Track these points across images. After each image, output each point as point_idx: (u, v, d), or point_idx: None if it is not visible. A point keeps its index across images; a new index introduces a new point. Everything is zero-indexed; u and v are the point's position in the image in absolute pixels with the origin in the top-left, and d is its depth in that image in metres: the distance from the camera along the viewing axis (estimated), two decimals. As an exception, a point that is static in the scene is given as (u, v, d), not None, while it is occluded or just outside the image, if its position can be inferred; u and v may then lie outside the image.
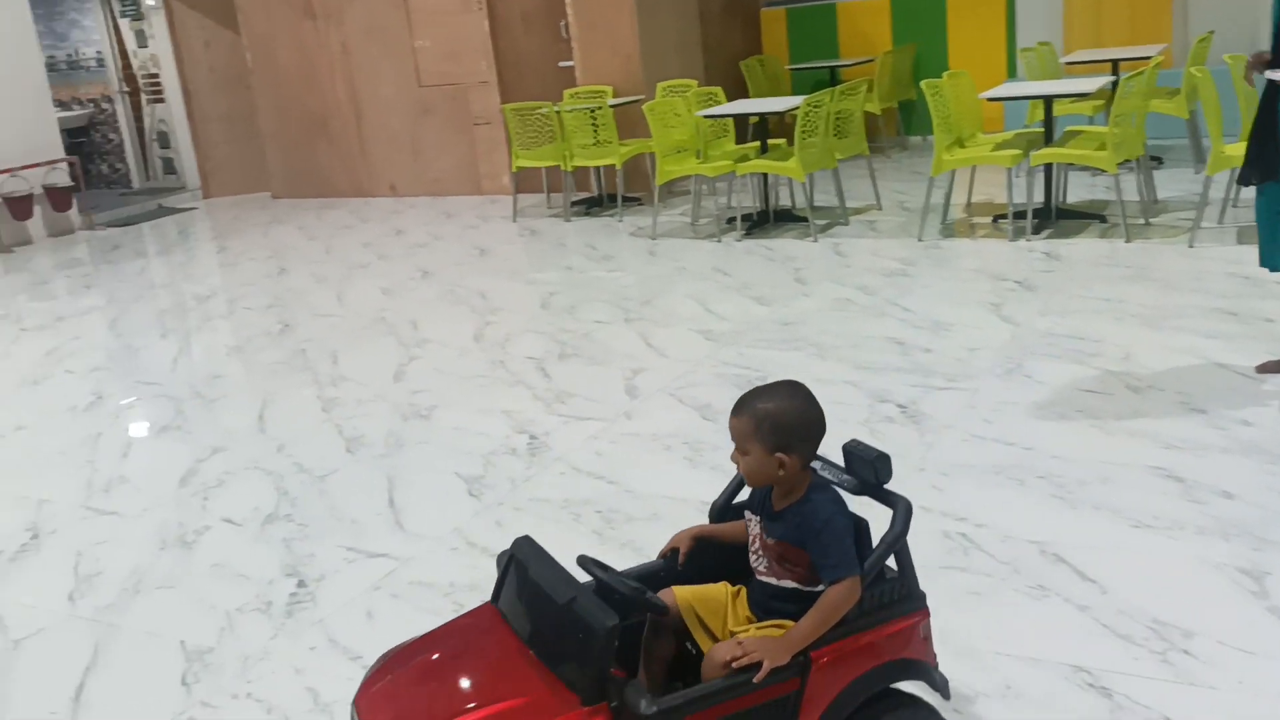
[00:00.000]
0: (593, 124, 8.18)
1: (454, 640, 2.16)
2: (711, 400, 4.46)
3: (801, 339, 5.14)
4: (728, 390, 4.54)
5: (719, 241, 7.23)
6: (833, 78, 9.63)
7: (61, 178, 10.16)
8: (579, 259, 7.39)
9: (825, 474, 2.21)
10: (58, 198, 10.12)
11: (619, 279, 6.71)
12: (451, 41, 9.71)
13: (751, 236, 7.24)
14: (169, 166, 12.08)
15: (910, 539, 2.10)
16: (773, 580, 2.13)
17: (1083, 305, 5.17)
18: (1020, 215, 6.55)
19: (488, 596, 3.11)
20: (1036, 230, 6.51)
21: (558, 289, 6.64)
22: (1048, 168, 6.63)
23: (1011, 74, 9.51)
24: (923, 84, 6.63)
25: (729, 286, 6.20)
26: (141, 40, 11.84)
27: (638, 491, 3.72)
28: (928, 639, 2.16)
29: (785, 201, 7.88)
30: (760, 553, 2.16)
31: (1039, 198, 6.74)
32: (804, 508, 2.08)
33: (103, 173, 12.80)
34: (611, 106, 8.16)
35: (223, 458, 4.44)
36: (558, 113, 8.26)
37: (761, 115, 7.59)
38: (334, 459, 4.30)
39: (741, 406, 2.12)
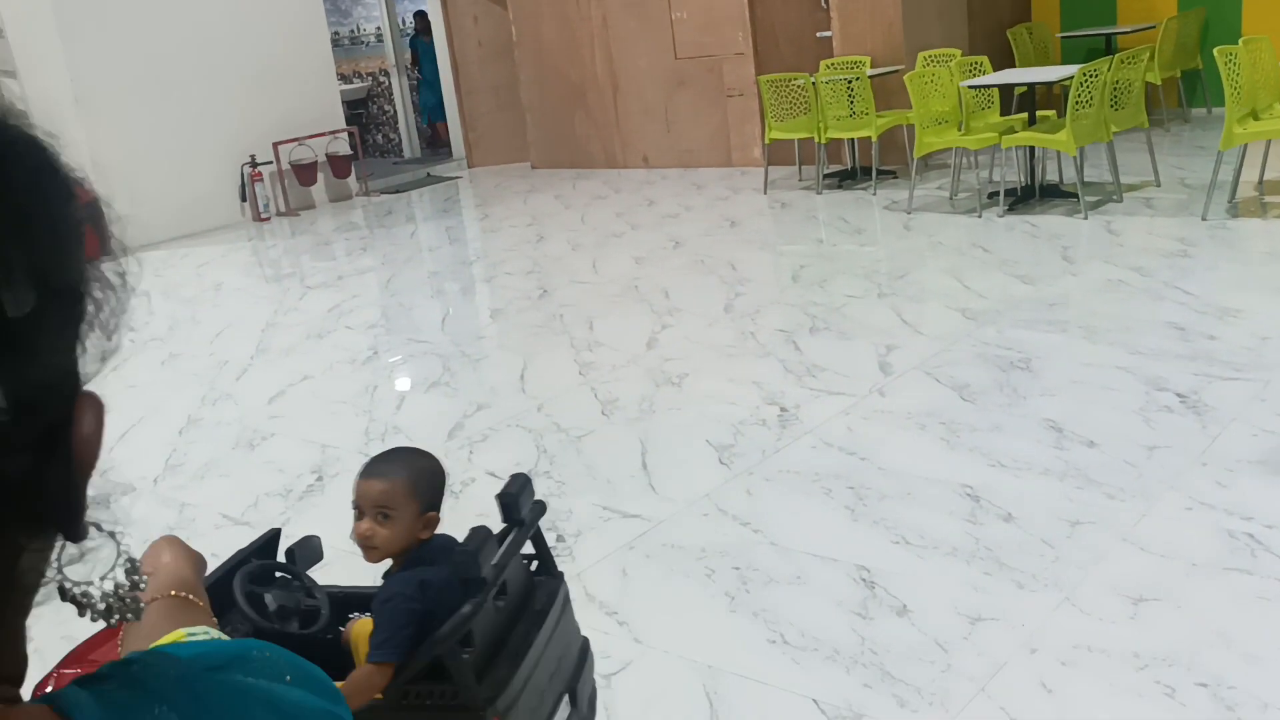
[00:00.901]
0: (849, 95, 8.04)
1: None
2: (970, 380, 4.33)
3: (1067, 320, 4.91)
4: (987, 370, 4.39)
5: (979, 217, 6.98)
6: (1108, 45, 9.08)
7: (342, 147, 10.89)
8: (830, 232, 7.30)
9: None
10: (339, 165, 10.85)
11: (871, 253, 6.59)
12: (709, 13, 9.75)
13: (1014, 212, 6.95)
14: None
15: (1187, 536, 1.98)
16: None
17: (1395, 294, 4.70)
18: (1321, 194, 6.00)
19: (738, 563, 3.15)
20: (1340, 211, 5.95)
21: (808, 262, 6.59)
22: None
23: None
24: (1216, 51, 6.15)
25: (988, 263, 5.98)
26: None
27: (890, 469, 3.66)
28: None
29: (1052, 176, 7.51)
30: None
31: (1344, 175, 6.15)
32: (392, 579, 1.89)
33: (377, 142, 13.62)
34: (870, 77, 7.99)
35: (486, 414, 4.66)
36: (814, 84, 8.17)
37: (1030, 85, 7.25)
38: (590, 420, 4.44)
39: (387, 468, 1.93)
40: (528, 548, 2.11)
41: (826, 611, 2.88)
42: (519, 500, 2.07)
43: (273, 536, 2.20)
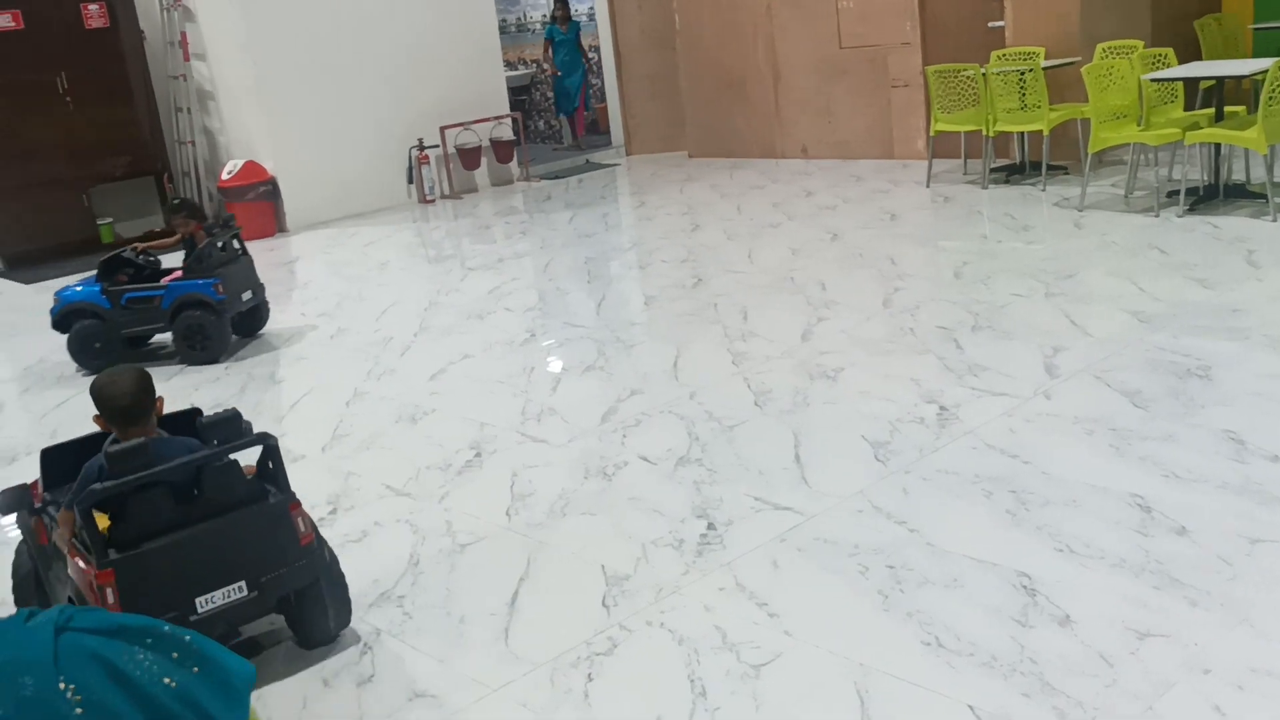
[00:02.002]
0: (1021, 87, 7.79)
1: None
2: (1142, 386, 4.15)
3: (1249, 328, 4.65)
4: (1160, 377, 4.20)
5: (1156, 216, 6.67)
6: (1305, 38, 8.54)
7: (505, 132, 11.10)
8: (995, 228, 7.09)
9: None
10: (501, 150, 11.07)
11: (1038, 251, 6.37)
12: (875, 3, 9.57)
13: (1195, 212, 6.62)
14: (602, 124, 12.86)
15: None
16: None
17: None
18: None
19: (892, 561, 3.10)
20: None
21: (971, 258, 6.42)
22: None
23: None
24: None
25: (1165, 265, 5.71)
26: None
27: (1055, 475, 3.54)
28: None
29: (1239, 176, 7.12)
30: None
31: None
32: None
33: (539, 129, 13.84)
34: (1044, 69, 7.72)
35: (640, 399, 4.70)
36: (984, 75, 7.94)
37: (1219, 79, 6.88)
38: (742, 410, 4.42)
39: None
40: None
41: (984, 617, 2.81)
42: (215, 428, 2.96)
43: None
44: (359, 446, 4.56)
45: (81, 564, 2.78)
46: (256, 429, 3.02)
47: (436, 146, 10.55)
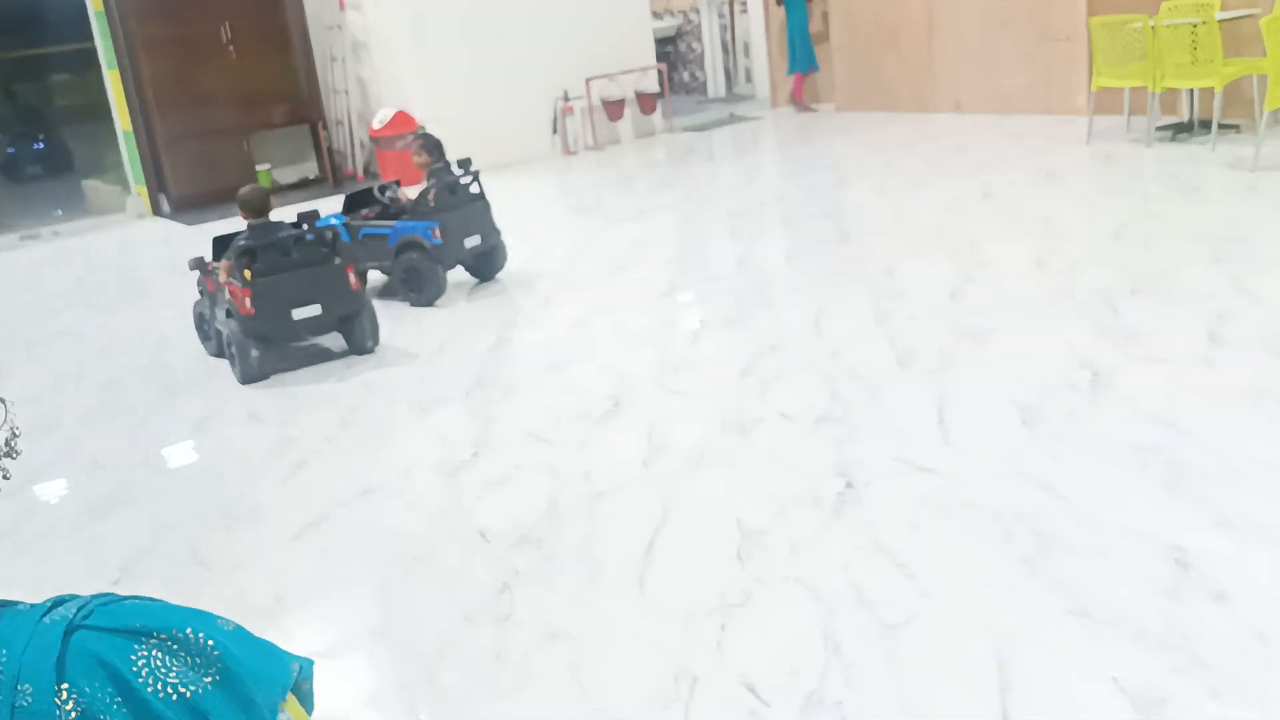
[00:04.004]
0: (1193, 41, 7.37)
1: None
2: (1316, 358, 3.91)
3: None
4: (1338, 349, 3.96)
5: (1337, 179, 6.26)
6: None
7: (650, 84, 11.07)
8: (1159, 188, 6.76)
9: None
10: (645, 102, 11.05)
11: (1206, 213, 6.06)
12: (1039, -50, 9.17)
13: (1382, 175, 6.19)
14: (748, 75, 12.71)
15: None
16: None
17: None
18: None
19: (1038, 528, 3.01)
20: None
21: (1132, 219, 6.14)
22: None
23: None
24: None
25: (1347, 231, 5.36)
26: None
27: (1215, 446, 3.38)
28: None
29: None
30: None
31: None
32: None
33: (683, 80, 13.77)
34: (1219, 21, 7.29)
35: (780, 355, 4.66)
36: (1152, 27, 7.53)
37: None
38: (885, 369, 4.34)
39: None
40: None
41: (1133, 589, 2.71)
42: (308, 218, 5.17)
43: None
44: (502, 393, 4.65)
45: (235, 286, 4.92)
46: (405, 372, 3.13)
47: (581, 98, 10.60)
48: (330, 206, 6.90)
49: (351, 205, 6.29)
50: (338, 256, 5.10)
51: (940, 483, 3.36)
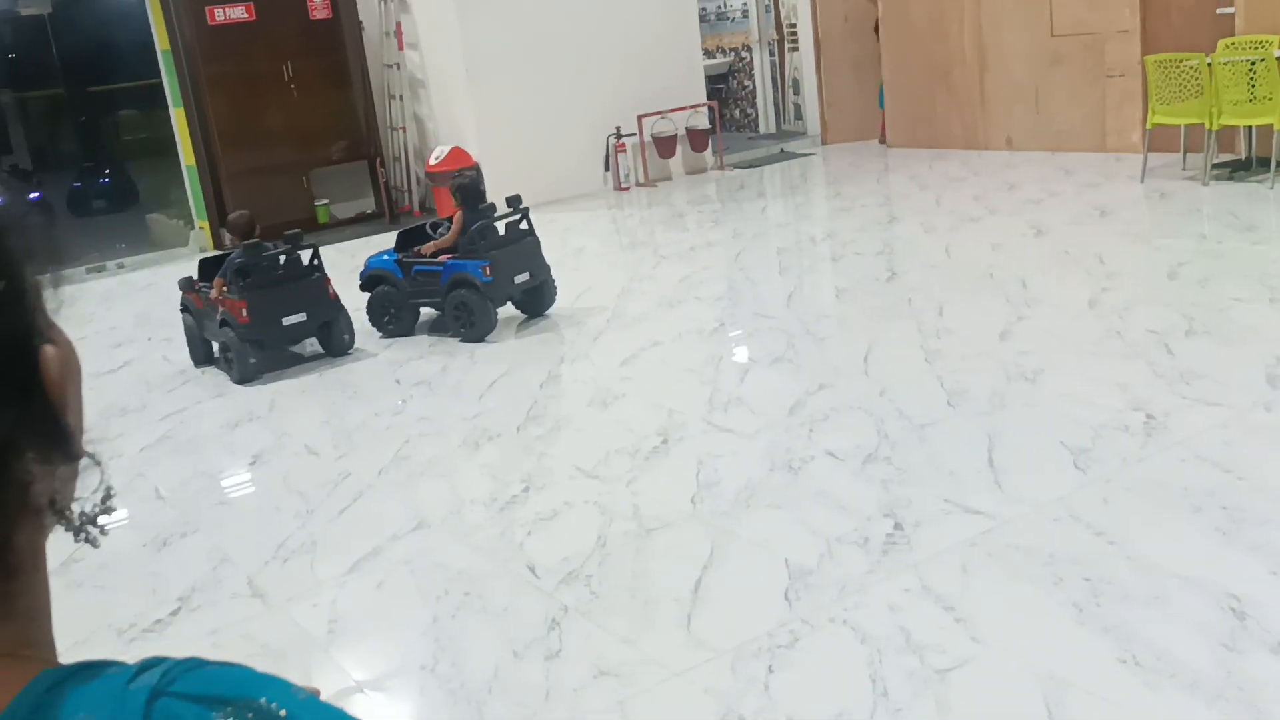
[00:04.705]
0: (1250, 78, 7.31)
1: None
2: (1377, 402, 3.85)
3: None
4: (1400, 393, 3.89)
5: (1400, 218, 6.17)
6: None
7: (701, 121, 11.15)
8: (1216, 227, 6.69)
9: None
10: (696, 139, 11.13)
11: (1265, 252, 5.99)
12: (1092, -13, 9.15)
13: None
14: (798, 112, 12.77)
15: None
16: None
17: None
18: None
19: (1089, 573, 2.98)
20: None
21: (1188, 258, 6.08)
22: None
23: None
24: None
25: None
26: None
27: (1273, 492, 3.34)
28: None
29: None
30: None
31: None
32: None
33: (734, 117, 13.84)
34: (1277, 59, 7.22)
35: (828, 393, 4.66)
36: (1209, 65, 7.48)
37: None
38: (935, 409, 4.34)
39: None
40: None
41: (1188, 637, 2.68)
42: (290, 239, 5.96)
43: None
44: (552, 428, 4.70)
45: (232, 300, 5.61)
46: (457, 407, 3.17)
47: (634, 134, 10.70)
48: (385, 242, 7.02)
49: (404, 242, 6.41)
50: (316, 271, 5.95)
51: (990, 525, 3.35)
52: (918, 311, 5.67)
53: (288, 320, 5.77)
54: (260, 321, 5.68)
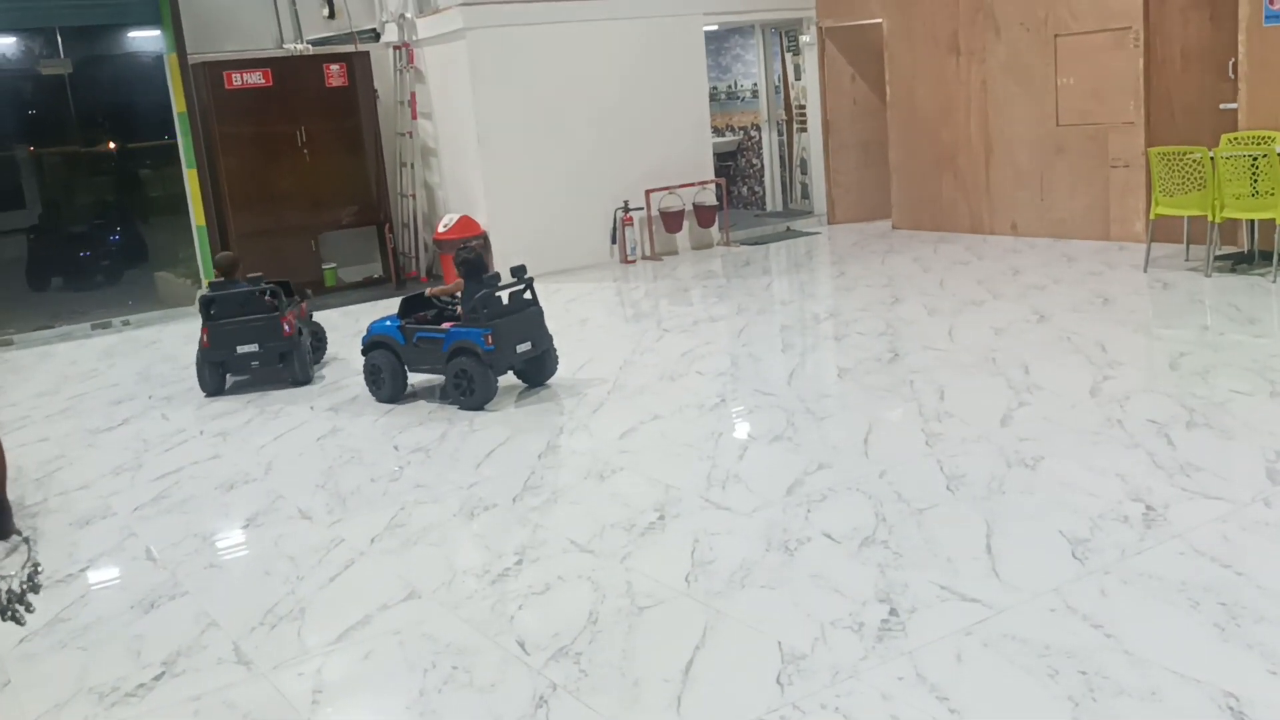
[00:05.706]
0: (1253, 173, 7.39)
1: None
2: (1378, 501, 3.83)
3: None
4: (1401, 492, 3.87)
5: (1401, 316, 6.18)
6: None
7: (709, 197, 11.26)
8: (1218, 319, 6.72)
9: None
10: (704, 215, 11.23)
11: (1266, 345, 5.99)
12: (1098, 80, 9.29)
13: None
14: (805, 191, 12.90)
15: None
16: None
17: None
18: None
19: (1085, 667, 2.94)
20: None
21: (1189, 349, 6.09)
22: None
23: None
24: None
25: None
26: (796, 73, 12.78)
27: (1272, 589, 3.30)
28: None
29: None
30: None
31: None
32: None
33: (742, 194, 13.98)
34: (1279, 155, 7.30)
35: (827, 474, 4.64)
36: (1212, 159, 7.57)
37: None
38: (934, 493, 4.31)
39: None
40: None
41: (1184, 737, 2.63)
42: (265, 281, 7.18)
43: None
44: (548, 499, 4.67)
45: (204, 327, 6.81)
46: (454, 475, 3.13)
47: (641, 209, 10.80)
48: (390, 307, 7.05)
49: (408, 309, 6.44)
50: (278, 310, 6.87)
51: (986, 613, 3.31)
52: (919, 393, 5.66)
53: (242, 349, 6.81)
54: (218, 347, 6.83)
